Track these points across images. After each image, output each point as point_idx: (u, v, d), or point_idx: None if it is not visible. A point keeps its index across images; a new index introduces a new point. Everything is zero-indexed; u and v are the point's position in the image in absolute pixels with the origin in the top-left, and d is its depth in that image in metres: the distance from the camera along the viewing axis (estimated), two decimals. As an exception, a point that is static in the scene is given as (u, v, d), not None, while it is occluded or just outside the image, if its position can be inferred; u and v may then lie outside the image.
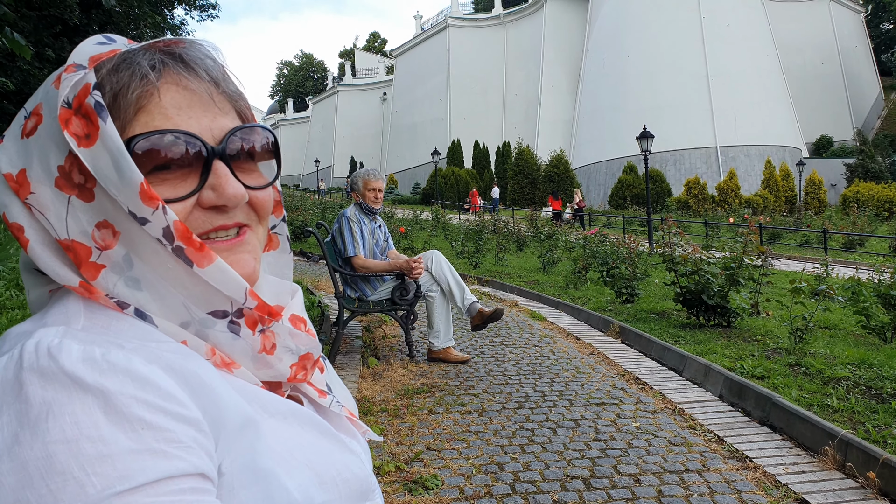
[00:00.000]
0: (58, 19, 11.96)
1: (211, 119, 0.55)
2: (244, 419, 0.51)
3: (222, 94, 0.58)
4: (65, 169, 0.51)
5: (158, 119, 0.53)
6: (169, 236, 0.51)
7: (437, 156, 34.47)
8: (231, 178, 0.55)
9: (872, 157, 40.51)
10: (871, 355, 4.39)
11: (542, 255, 11.46)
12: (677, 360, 4.71)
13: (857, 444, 2.84)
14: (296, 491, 0.51)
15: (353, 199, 4.88)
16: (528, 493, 2.65)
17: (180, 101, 0.54)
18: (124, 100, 0.52)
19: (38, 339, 0.45)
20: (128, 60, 0.54)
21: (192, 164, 0.54)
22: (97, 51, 0.54)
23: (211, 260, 0.52)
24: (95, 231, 0.52)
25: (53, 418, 0.41)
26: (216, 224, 0.55)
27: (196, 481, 0.44)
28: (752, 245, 5.87)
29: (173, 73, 0.55)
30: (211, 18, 21.85)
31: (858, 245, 18.40)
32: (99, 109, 0.50)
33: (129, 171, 0.49)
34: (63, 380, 0.43)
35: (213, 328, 0.54)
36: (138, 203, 0.50)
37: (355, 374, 4.43)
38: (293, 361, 0.59)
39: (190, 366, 0.49)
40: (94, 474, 0.40)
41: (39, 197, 0.52)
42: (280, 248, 0.67)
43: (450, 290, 4.66)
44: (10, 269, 5.51)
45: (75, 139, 0.50)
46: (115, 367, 0.44)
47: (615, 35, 47.58)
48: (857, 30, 59.99)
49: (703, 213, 29.54)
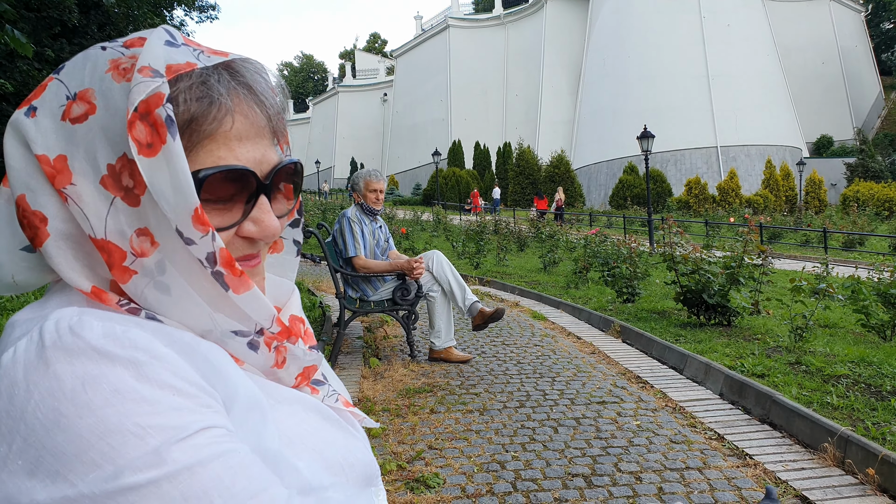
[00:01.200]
0: (56, 20, 11.98)
1: (263, 152, 0.55)
2: (252, 401, 0.52)
3: (275, 126, 0.58)
4: (115, 168, 0.50)
5: (223, 150, 0.52)
6: (212, 260, 0.51)
7: (437, 156, 34.47)
8: (272, 215, 0.56)
9: (873, 156, 40.49)
10: (871, 353, 4.40)
11: (543, 256, 11.47)
12: (678, 358, 4.72)
13: (856, 440, 2.85)
14: (306, 471, 0.52)
15: (354, 199, 4.89)
16: (530, 492, 2.66)
17: (242, 132, 0.54)
18: (199, 127, 0.52)
19: (58, 319, 0.46)
20: (206, 83, 0.53)
21: (239, 195, 0.54)
22: (172, 58, 0.52)
23: (248, 288, 0.53)
24: (134, 237, 0.51)
25: (92, 388, 0.42)
26: (247, 252, 0.56)
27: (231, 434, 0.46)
28: (753, 244, 5.87)
29: (241, 102, 0.54)
30: (210, 20, 21.86)
31: (858, 244, 18.40)
32: (169, 124, 0.49)
33: (188, 193, 0.49)
34: (91, 353, 0.43)
35: (232, 340, 0.55)
36: (189, 225, 0.49)
37: (357, 374, 4.44)
38: (298, 372, 0.61)
39: (203, 349, 0.51)
40: (151, 427, 0.42)
41: (79, 190, 0.50)
42: (284, 250, 0.68)
43: (451, 290, 4.67)
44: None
45: (137, 145, 0.49)
46: (136, 344, 0.45)
47: (616, 35, 47.59)
48: (857, 29, 59.97)
49: (704, 213, 29.55)
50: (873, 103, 58.36)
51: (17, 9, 6.84)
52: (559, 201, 27.70)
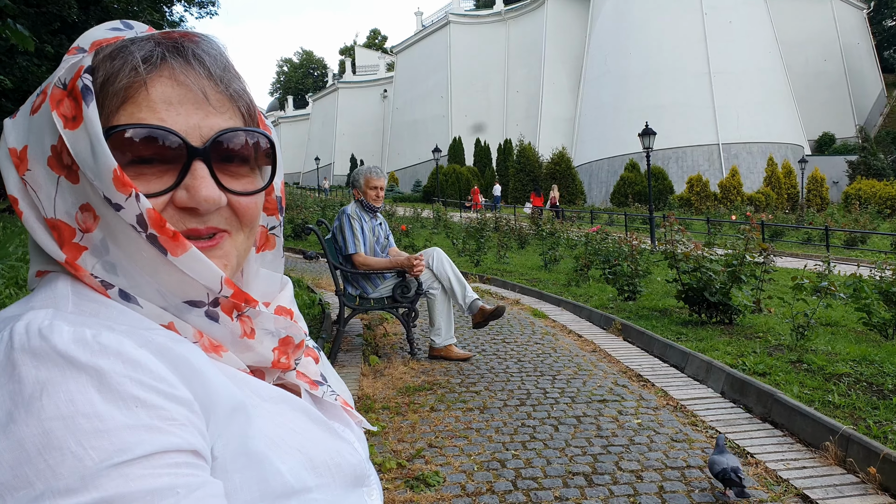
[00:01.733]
0: (56, 16, 11.95)
1: (202, 117, 0.54)
2: (235, 403, 0.51)
3: (221, 93, 0.56)
4: (56, 149, 0.52)
5: (145, 112, 0.52)
6: (143, 223, 0.50)
7: (438, 153, 34.44)
8: (207, 181, 0.54)
9: (875, 154, 40.44)
10: (873, 352, 4.39)
11: (544, 253, 11.46)
12: (679, 357, 4.70)
13: (857, 439, 2.84)
14: (289, 474, 0.51)
15: (354, 196, 4.87)
16: (530, 490, 2.65)
17: (171, 95, 0.53)
18: (111, 87, 0.52)
19: (28, 321, 0.45)
20: (125, 49, 0.53)
21: (171, 161, 0.53)
22: (103, 36, 0.55)
23: (185, 248, 0.52)
24: (79, 213, 0.52)
25: (48, 396, 0.41)
26: (188, 226, 0.54)
27: (190, 457, 0.44)
28: (755, 242, 5.86)
29: (169, 66, 0.54)
30: (210, 16, 21.83)
31: (860, 242, 18.39)
32: (85, 93, 0.50)
33: (103, 156, 0.49)
34: (56, 359, 0.43)
35: (189, 314, 0.54)
36: (112, 189, 0.50)
37: (356, 371, 4.43)
38: (274, 345, 0.59)
39: (179, 350, 0.49)
40: (91, 448, 0.40)
41: (35, 174, 0.53)
42: (276, 249, 0.67)
43: (451, 287, 4.66)
44: (10, 266, 5.51)
45: (63, 120, 0.51)
46: (107, 349, 0.44)
47: (617, 32, 47.49)
48: (859, 27, 59.83)
49: (706, 211, 29.52)
50: (875, 101, 58.25)
51: (17, 4, 6.83)
52: (554, 199, 28.34)
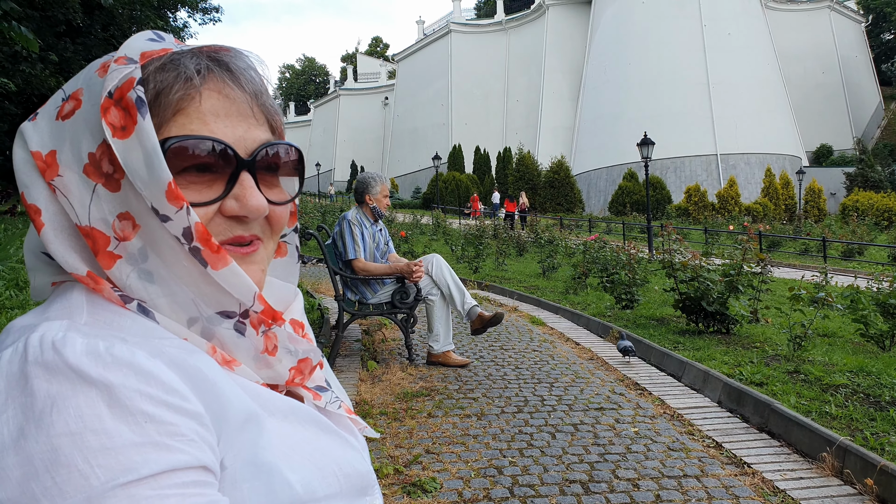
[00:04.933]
0: (61, 20, 12.00)
1: (245, 130, 0.56)
2: (247, 414, 0.51)
3: (259, 106, 0.58)
4: (95, 157, 0.52)
5: (196, 123, 0.53)
6: (188, 236, 0.51)
7: (438, 160, 34.50)
8: (255, 191, 0.56)
9: (872, 166, 40.59)
10: (870, 363, 4.40)
11: (543, 261, 11.48)
12: (676, 365, 4.71)
13: (855, 450, 2.84)
14: (298, 485, 0.52)
15: (367, 202, 4.81)
16: (527, 497, 2.65)
17: (219, 108, 0.55)
18: (165, 99, 0.53)
19: (43, 333, 0.46)
20: (175, 61, 0.55)
21: (220, 171, 0.54)
22: (149, 47, 0.55)
23: (226, 263, 0.53)
24: (116, 221, 0.52)
25: (58, 412, 0.41)
26: (235, 234, 0.56)
27: (199, 474, 0.44)
28: (752, 252, 5.88)
29: (217, 79, 0.55)
30: (213, 22, 21.92)
31: (858, 254, 18.43)
32: (139, 104, 0.51)
33: (159, 169, 0.50)
34: (67, 373, 0.43)
35: (219, 325, 0.55)
36: (163, 201, 0.50)
37: (354, 376, 4.43)
38: (292, 365, 0.60)
39: (193, 361, 0.50)
40: (98, 466, 0.41)
41: (66, 181, 0.52)
42: (288, 255, 0.69)
43: (450, 293, 4.66)
44: (10, 268, 5.52)
45: (111, 129, 0.51)
46: (119, 361, 0.45)
47: (617, 42, 47.71)
48: (857, 39, 60.17)
49: (703, 221, 29.59)
50: (873, 113, 58.51)
51: (22, 7, 6.84)
52: (523, 205, 29.44)
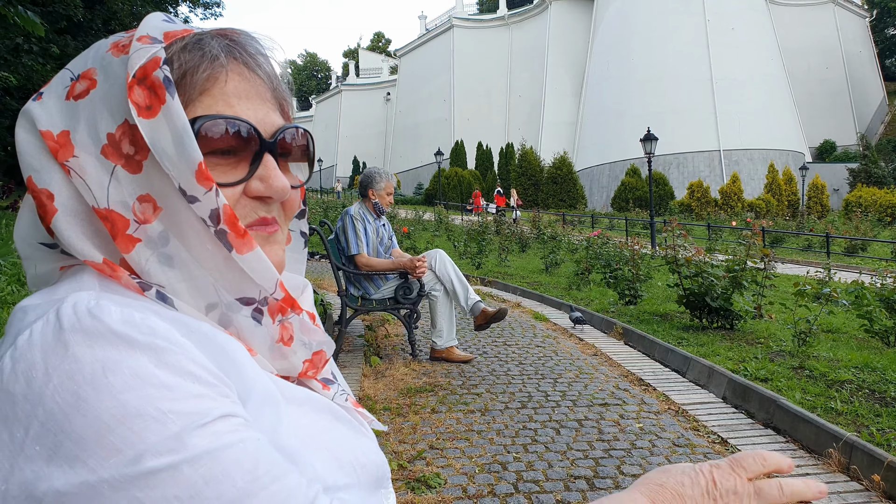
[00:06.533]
0: (62, 15, 11.98)
1: (265, 112, 0.56)
2: (267, 396, 0.51)
3: (274, 90, 0.58)
4: (114, 137, 0.51)
5: (221, 104, 0.53)
6: (215, 218, 0.51)
7: (440, 156, 34.47)
8: (278, 172, 0.56)
9: (875, 162, 40.51)
10: (875, 359, 4.39)
11: (545, 257, 11.46)
12: (681, 361, 4.70)
13: (861, 446, 2.83)
14: (322, 470, 0.51)
15: (370, 196, 4.79)
16: (532, 493, 2.64)
17: (241, 90, 0.55)
18: (192, 79, 0.52)
19: (75, 301, 0.45)
20: (200, 42, 0.54)
21: (243, 153, 0.54)
22: (169, 27, 0.54)
23: (251, 248, 0.52)
24: (137, 204, 0.51)
25: (112, 373, 0.41)
26: (260, 215, 0.56)
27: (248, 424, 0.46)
28: (756, 248, 5.86)
29: (239, 62, 0.55)
30: (214, 17, 21.88)
31: (861, 250, 18.36)
32: (167, 84, 0.50)
33: (191, 148, 0.49)
34: (111, 338, 0.43)
35: (237, 313, 0.54)
36: (192, 182, 0.50)
37: (358, 372, 4.43)
38: (306, 357, 0.59)
39: (219, 340, 0.50)
40: (172, 412, 0.41)
41: (81, 161, 0.50)
42: (293, 244, 0.68)
43: (453, 289, 4.65)
44: (12, 263, 5.51)
45: (136, 108, 0.50)
46: (156, 332, 0.44)
47: (620, 38, 47.57)
48: (861, 35, 59.95)
49: (706, 217, 29.50)
50: (877, 109, 58.32)
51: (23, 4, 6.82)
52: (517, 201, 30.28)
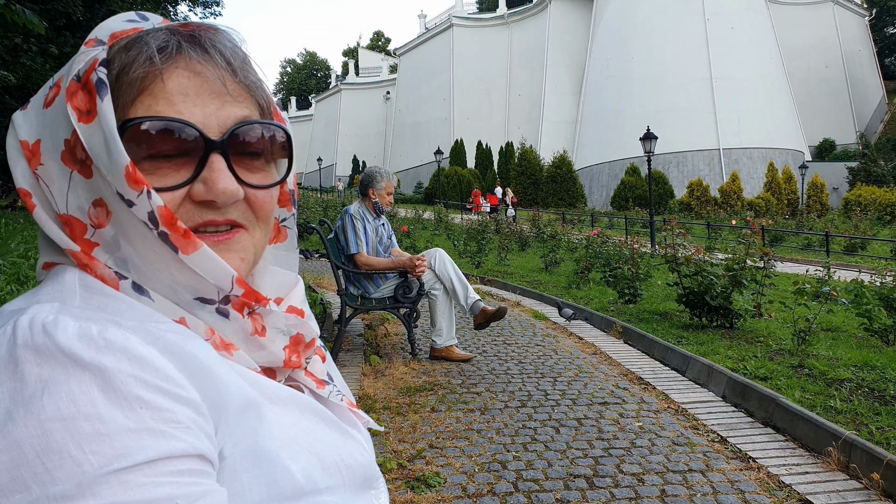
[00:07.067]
0: (61, 14, 11.96)
1: (218, 106, 0.53)
2: (246, 402, 0.50)
3: (238, 82, 0.55)
4: (70, 143, 0.51)
5: (161, 104, 0.51)
6: (154, 221, 0.49)
7: (440, 155, 34.46)
8: (225, 174, 0.52)
9: (875, 160, 40.53)
10: (874, 357, 4.39)
11: (545, 256, 11.46)
12: (680, 360, 4.70)
13: (861, 445, 2.83)
14: (299, 474, 0.50)
15: (370, 195, 4.79)
16: (531, 492, 2.64)
17: (188, 86, 0.52)
18: (126, 78, 0.51)
19: (33, 316, 0.44)
20: (140, 39, 0.52)
21: (188, 154, 0.52)
22: (121, 27, 0.54)
23: (196, 247, 0.51)
24: (91, 208, 0.51)
25: (49, 396, 0.40)
26: (205, 219, 0.53)
27: (195, 462, 0.43)
28: (756, 246, 5.86)
29: (186, 56, 0.52)
30: (214, 16, 21.83)
31: (860, 248, 18.37)
32: (100, 86, 0.49)
33: (116, 152, 0.48)
34: (59, 357, 0.41)
35: (202, 311, 0.53)
36: (124, 185, 0.49)
37: (357, 371, 4.43)
38: (285, 343, 0.58)
39: (189, 348, 0.48)
40: (91, 452, 0.39)
41: (47, 169, 0.52)
42: (287, 241, 0.66)
43: (453, 288, 4.65)
44: (11, 263, 5.51)
45: (77, 114, 0.50)
46: (112, 346, 0.43)
47: (619, 36, 47.55)
48: (861, 34, 59.95)
49: (706, 215, 29.51)
50: (876, 107, 58.32)
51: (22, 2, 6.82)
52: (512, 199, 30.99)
